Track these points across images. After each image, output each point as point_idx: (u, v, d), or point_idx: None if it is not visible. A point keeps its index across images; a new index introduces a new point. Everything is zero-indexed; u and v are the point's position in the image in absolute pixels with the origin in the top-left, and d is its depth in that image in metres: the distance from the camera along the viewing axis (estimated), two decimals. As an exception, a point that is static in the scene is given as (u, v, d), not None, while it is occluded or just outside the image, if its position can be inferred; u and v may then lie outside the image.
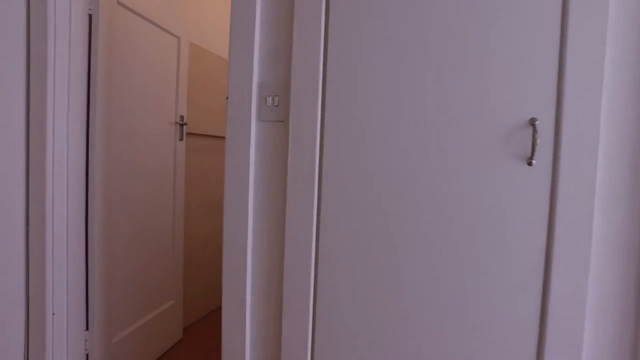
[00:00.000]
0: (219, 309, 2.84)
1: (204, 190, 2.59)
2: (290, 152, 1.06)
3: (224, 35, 2.76)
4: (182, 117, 2.18)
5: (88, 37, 1.57)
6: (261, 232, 1.12)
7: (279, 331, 1.13)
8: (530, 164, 0.93)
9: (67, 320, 1.54)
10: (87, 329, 1.64)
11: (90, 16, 1.57)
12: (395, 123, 1.00)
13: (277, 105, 1.09)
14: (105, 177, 1.67)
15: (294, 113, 1.05)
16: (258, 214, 1.12)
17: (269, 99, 1.10)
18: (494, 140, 0.95)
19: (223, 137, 2.78)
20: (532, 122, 0.92)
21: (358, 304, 1.05)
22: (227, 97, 1.11)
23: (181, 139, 2.18)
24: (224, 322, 1.17)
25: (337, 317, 1.07)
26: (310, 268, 1.07)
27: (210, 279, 2.73)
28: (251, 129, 1.09)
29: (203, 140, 2.55)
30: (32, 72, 1.41)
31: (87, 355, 1.64)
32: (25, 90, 1.42)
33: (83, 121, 1.56)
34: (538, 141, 0.93)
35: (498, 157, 0.95)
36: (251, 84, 1.09)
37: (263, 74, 1.10)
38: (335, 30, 1.03)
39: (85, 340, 1.63)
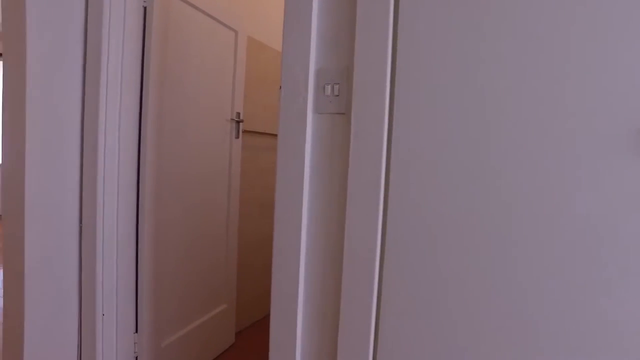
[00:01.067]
0: (272, 313, 2.75)
1: (259, 191, 2.50)
2: (352, 150, 0.89)
3: (281, 29, 2.66)
4: (238, 114, 2.10)
5: (142, 30, 1.52)
6: (316, 239, 0.97)
7: (333, 351, 0.97)
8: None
9: (117, 321, 1.50)
10: (136, 331, 1.58)
11: (145, 8, 1.51)
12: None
13: (338, 95, 0.93)
14: (156, 175, 1.61)
15: (357, 104, 0.89)
16: (313, 219, 0.97)
17: (328, 88, 0.94)
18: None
19: (280, 136, 2.68)
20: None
21: (428, 330, 0.86)
22: (280, 87, 0.97)
23: (237, 137, 2.10)
24: (272, 341, 1.03)
25: (405, 344, 0.89)
26: (372, 285, 0.90)
27: (264, 282, 2.64)
28: (307, 122, 0.94)
29: (259, 138, 2.46)
30: (88, 66, 1.37)
31: (137, 357, 1.59)
32: (82, 84, 1.39)
33: (135, 117, 1.51)
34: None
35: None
36: (307, 70, 0.94)
37: (321, 59, 0.95)
38: (408, 4, 0.85)
39: (135, 343, 1.58)
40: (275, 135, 2.60)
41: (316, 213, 0.97)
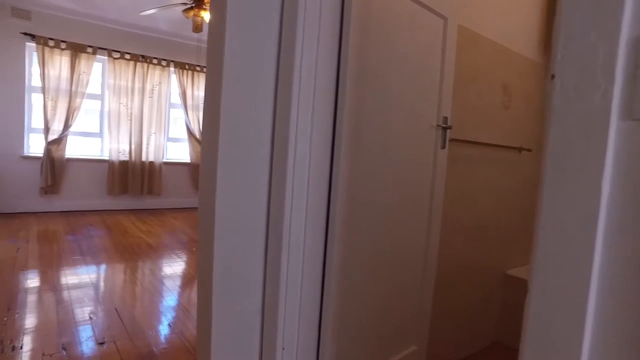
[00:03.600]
0: (472, 357, 2.27)
1: (464, 212, 2.06)
2: None
3: (499, 13, 2.15)
4: (445, 119, 1.72)
5: (339, 22, 1.30)
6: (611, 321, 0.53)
7: None
8: None
9: (297, 358, 1.32)
10: (317, 370, 1.39)
11: (345, -3, 1.29)
12: None
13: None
14: (349, 188, 1.37)
15: None
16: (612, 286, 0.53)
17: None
18: None
19: (498, 146, 2.17)
20: None
21: None
22: (552, 76, 0.57)
23: (443, 147, 1.72)
24: None
25: None
26: None
27: (463, 320, 2.19)
28: (609, 135, 0.51)
29: (468, 149, 2.02)
30: (281, 66, 1.22)
31: (316, 400, 1.39)
32: (274, 87, 1.25)
33: (329, 122, 1.30)
34: None
35: None
36: (615, 40, 0.51)
37: (643, 18, 0.50)
38: None
39: (315, 384, 1.39)
40: (491, 145, 2.11)
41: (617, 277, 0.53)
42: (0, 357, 2.00)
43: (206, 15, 4.04)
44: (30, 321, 2.40)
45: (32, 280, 3.06)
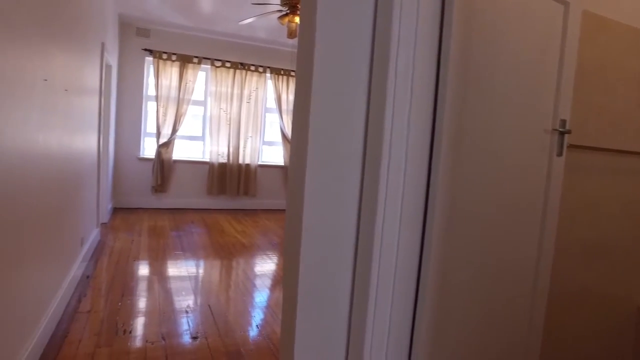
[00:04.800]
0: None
1: (584, 229, 1.77)
2: None
3: (640, -6, 1.81)
4: (563, 122, 1.48)
5: (440, 16, 1.17)
6: None
7: None
8: None
9: (385, 382, 1.21)
10: (406, 398, 1.26)
11: (447, -14, 1.16)
12: None
13: None
14: (449, 196, 1.23)
15: None
16: None
17: None
18: None
19: (630, 152, 1.84)
20: None
21: None
22: None
23: (559, 154, 1.49)
24: None
25: None
26: None
27: (582, 351, 1.88)
28: None
29: (593, 156, 1.73)
30: (375, 63, 1.12)
31: None
32: (367, 86, 1.16)
33: (427, 125, 1.18)
34: None
35: None
36: None
37: None
38: None
39: (404, 412, 1.26)
40: (617, 151, 1.79)
41: None
42: (115, 338, 2.19)
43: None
44: (138, 308, 2.61)
45: (142, 270, 3.35)
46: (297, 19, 4.08)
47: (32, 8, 1.73)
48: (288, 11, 4.07)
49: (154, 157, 5.85)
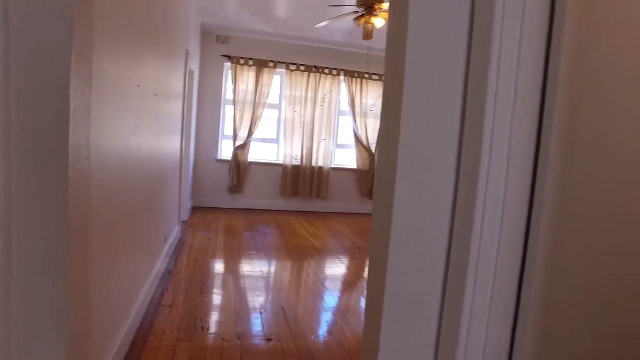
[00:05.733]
0: None
1: None
2: None
3: None
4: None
5: (550, 5, 1.03)
6: None
7: None
8: None
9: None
10: None
11: (560, -31, 1.02)
12: None
13: None
14: (557, 207, 1.09)
15: None
16: None
17: None
18: None
19: None
20: None
21: None
22: None
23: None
24: None
25: None
26: None
27: None
28: None
29: None
30: (473, 59, 1.02)
31: None
32: (463, 84, 1.06)
33: (533, 125, 1.04)
34: None
35: None
36: None
37: None
38: None
39: None
40: None
41: None
42: (194, 334, 2.28)
43: (377, 22, 4.03)
44: (215, 306, 2.70)
45: (218, 268, 3.48)
46: (373, 20, 4.01)
47: (130, 23, 1.85)
48: (364, 12, 4.02)
49: (230, 159, 6.10)
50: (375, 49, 6.07)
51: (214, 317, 2.53)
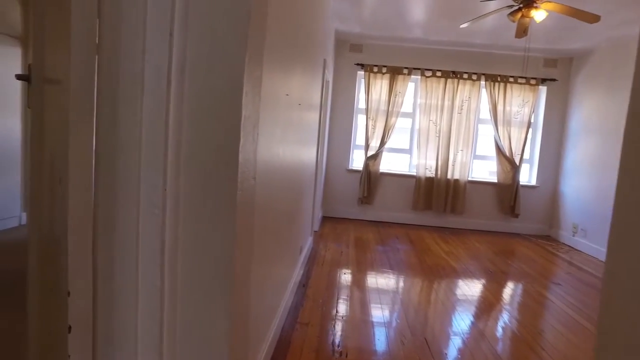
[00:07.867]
0: None
1: None
2: None
3: None
4: None
5: None
6: None
7: None
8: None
9: None
10: None
11: None
12: None
13: None
14: None
15: None
16: None
17: None
18: None
19: None
20: None
21: None
22: None
23: None
24: None
25: None
26: None
27: None
28: None
29: None
30: None
31: None
32: None
33: None
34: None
35: None
36: None
37: None
38: None
39: None
40: None
41: None
42: (331, 359, 2.13)
43: (537, 15, 3.48)
44: (352, 329, 2.52)
45: (353, 285, 3.31)
46: (533, 14, 3.48)
47: (283, 32, 1.79)
48: (521, 5, 3.51)
49: (361, 169, 5.97)
50: (531, 50, 5.39)
51: (351, 341, 2.35)
